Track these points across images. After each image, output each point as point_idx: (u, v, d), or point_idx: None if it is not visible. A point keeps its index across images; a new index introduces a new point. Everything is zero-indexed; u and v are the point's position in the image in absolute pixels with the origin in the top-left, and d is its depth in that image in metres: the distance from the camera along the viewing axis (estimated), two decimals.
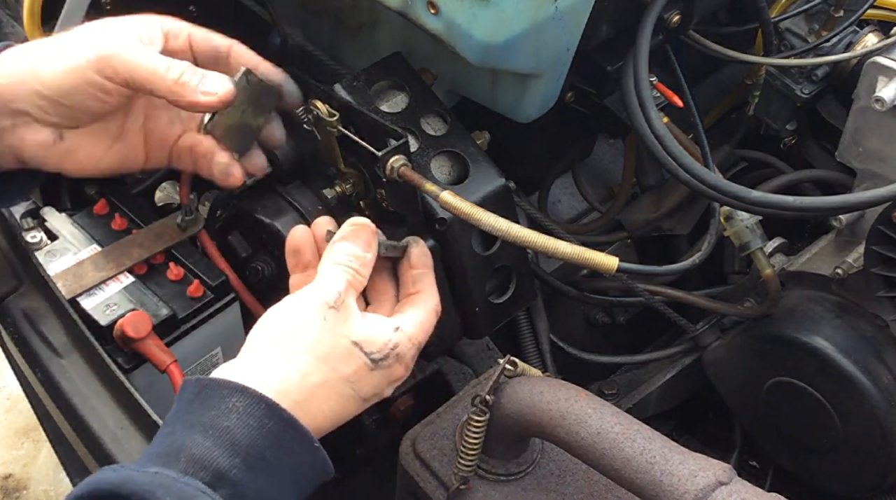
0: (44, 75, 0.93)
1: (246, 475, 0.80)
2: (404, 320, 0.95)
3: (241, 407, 0.82)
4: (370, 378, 0.92)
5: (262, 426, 0.82)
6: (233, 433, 0.81)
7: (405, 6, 1.06)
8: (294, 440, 0.84)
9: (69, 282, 1.14)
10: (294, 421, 0.84)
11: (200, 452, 0.79)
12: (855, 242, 1.37)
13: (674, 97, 1.28)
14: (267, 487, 0.81)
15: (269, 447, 0.82)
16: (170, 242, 1.19)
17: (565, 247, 0.94)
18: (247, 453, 0.81)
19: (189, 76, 0.92)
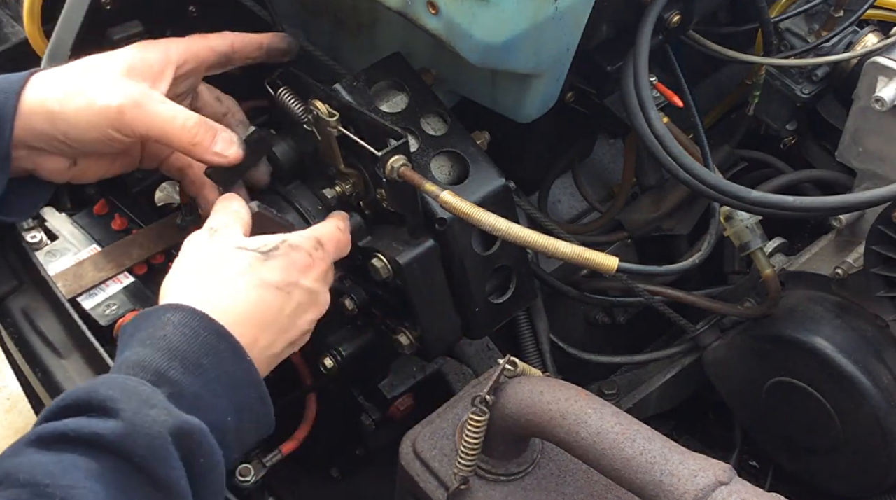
0: (62, 127, 1.00)
1: (184, 377, 0.83)
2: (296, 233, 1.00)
3: (176, 320, 0.86)
4: (268, 266, 0.95)
5: (197, 335, 0.86)
6: (169, 340, 0.84)
7: (405, 6, 1.06)
8: (228, 351, 0.87)
9: (69, 282, 1.14)
10: (226, 332, 0.88)
11: (139, 357, 0.83)
12: (855, 242, 1.37)
13: (674, 97, 1.28)
14: (204, 392, 0.84)
15: (205, 354, 0.85)
16: (170, 242, 1.20)
17: (565, 247, 0.94)
18: (184, 357, 0.84)
19: (202, 136, 1.01)
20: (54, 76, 1.02)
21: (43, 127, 1.00)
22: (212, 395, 0.85)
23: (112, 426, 0.75)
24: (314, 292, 0.98)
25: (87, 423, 0.76)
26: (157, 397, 0.79)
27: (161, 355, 0.83)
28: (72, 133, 1.00)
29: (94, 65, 1.03)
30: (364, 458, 1.42)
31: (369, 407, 1.34)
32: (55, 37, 1.16)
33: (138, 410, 0.77)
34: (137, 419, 0.76)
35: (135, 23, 1.19)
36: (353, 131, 1.05)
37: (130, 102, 0.99)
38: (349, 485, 1.48)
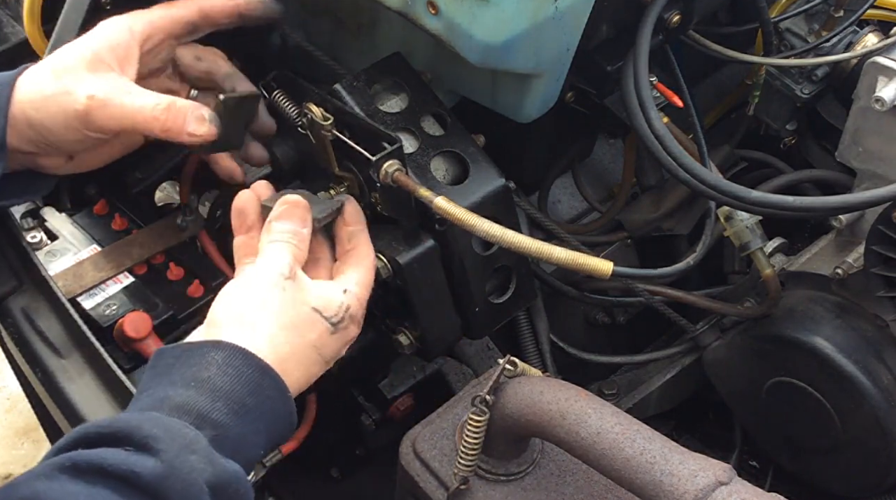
0: (41, 130, 1.00)
1: (228, 418, 0.82)
2: (348, 280, 0.99)
3: (220, 359, 0.85)
4: (332, 341, 0.95)
5: (241, 374, 0.85)
6: (213, 382, 0.83)
7: (405, 6, 1.06)
8: (271, 388, 0.87)
9: (69, 282, 1.14)
10: (270, 369, 0.87)
11: (182, 399, 0.82)
12: (855, 242, 1.37)
13: (674, 97, 1.28)
14: (248, 432, 0.84)
15: (249, 393, 0.84)
16: (170, 242, 1.20)
17: (560, 253, 0.94)
18: (228, 398, 0.83)
19: (172, 121, 0.99)
20: (32, 79, 1.01)
21: (28, 134, 1.00)
22: (254, 433, 0.85)
23: (151, 466, 0.74)
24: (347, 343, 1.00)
25: (125, 458, 0.74)
26: (200, 442, 0.78)
27: (205, 397, 0.82)
28: (52, 138, 1.00)
29: (62, 61, 1.01)
30: (364, 458, 1.42)
31: (369, 407, 1.34)
32: (55, 37, 1.16)
33: (179, 454, 0.76)
34: (177, 463, 0.75)
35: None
36: (347, 135, 1.05)
37: (96, 102, 0.98)
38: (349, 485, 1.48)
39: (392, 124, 1.10)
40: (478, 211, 0.99)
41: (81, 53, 1.01)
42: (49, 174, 1.08)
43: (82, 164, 1.08)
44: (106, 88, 0.98)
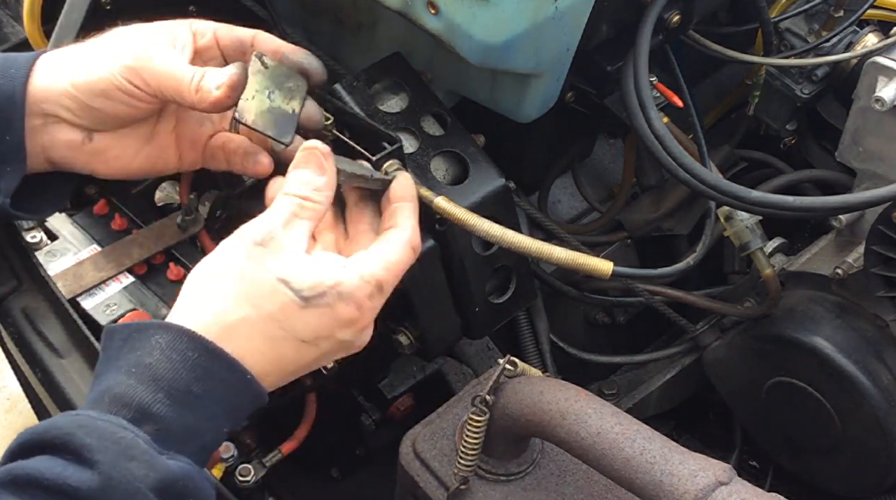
0: (75, 79, 0.95)
1: (170, 410, 0.78)
2: (362, 257, 0.88)
3: (163, 343, 0.80)
4: (304, 318, 0.85)
5: (186, 359, 0.79)
6: (154, 369, 0.79)
7: (405, 6, 1.06)
8: (222, 370, 0.81)
9: (69, 282, 1.14)
10: (220, 351, 0.81)
11: (122, 390, 0.78)
12: (855, 242, 1.37)
13: (674, 97, 1.28)
14: (195, 420, 0.79)
15: (196, 379, 0.79)
16: (170, 242, 1.20)
17: (560, 253, 0.94)
18: (170, 387, 0.78)
19: (206, 80, 0.94)
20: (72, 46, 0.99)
21: (57, 83, 0.95)
22: (207, 418, 0.80)
23: (87, 479, 0.72)
24: (350, 342, 0.89)
25: (62, 471, 0.72)
26: (139, 446, 0.75)
27: (146, 387, 0.78)
28: (81, 84, 0.94)
29: (117, 31, 0.99)
30: (364, 458, 1.42)
31: (369, 407, 1.34)
32: (55, 37, 1.16)
33: (116, 462, 0.73)
34: (115, 473, 0.72)
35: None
36: (347, 135, 1.04)
37: (146, 52, 0.95)
38: (349, 485, 1.48)
39: (392, 124, 1.10)
40: (478, 211, 0.99)
41: (140, 27, 0.99)
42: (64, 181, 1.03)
43: (99, 153, 1.00)
44: (157, 48, 0.96)
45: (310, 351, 0.87)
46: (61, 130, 0.97)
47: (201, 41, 1.00)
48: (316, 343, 0.86)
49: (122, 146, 1.00)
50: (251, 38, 1.00)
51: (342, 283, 0.86)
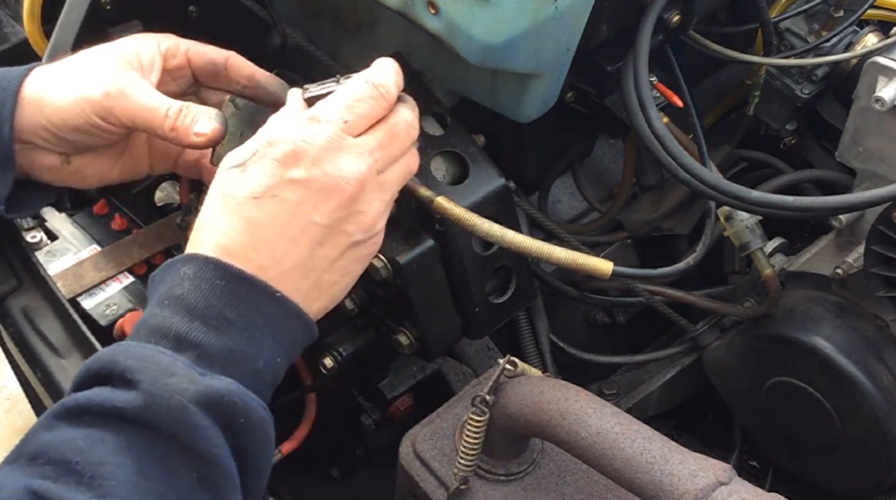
0: (48, 112, 0.98)
1: (208, 336, 0.79)
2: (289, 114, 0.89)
3: (191, 273, 0.82)
4: (248, 177, 0.84)
5: (214, 286, 0.81)
6: (186, 299, 0.80)
7: (405, 6, 1.06)
8: (252, 294, 0.82)
9: (69, 282, 1.14)
10: (246, 275, 0.82)
11: (158, 322, 0.80)
12: (855, 242, 1.37)
13: (674, 97, 1.28)
14: (237, 344, 0.80)
15: (228, 305, 0.81)
16: (170, 242, 1.20)
17: (560, 252, 0.94)
18: (204, 315, 0.80)
19: (181, 120, 0.96)
20: (50, 68, 1.01)
21: (33, 117, 0.98)
22: (248, 343, 0.81)
23: (132, 399, 0.74)
24: (313, 180, 0.84)
25: (108, 395, 0.75)
26: (177, 365, 0.76)
27: (180, 317, 0.80)
28: (56, 120, 0.98)
29: (87, 55, 1.01)
30: (364, 458, 1.42)
31: (369, 407, 1.34)
32: (55, 37, 1.16)
33: (156, 380, 0.75)
34: (156, 389, 0.74)
35: (135, 23, 1.20)
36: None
37: (115, 89, 0.97)
38: (349, 485, 1.48)
39: None
40: (478, 211, 0.99)
41: (108, 51, 1.01)
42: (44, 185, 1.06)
43: (78, 173, 1.04)
44: (127, 80, 0.97)
45: (278, 206, 0.84)
46: (40, 155, 1.01)
47: (172, 62, 1.02)
48: (272, 194, 0.83)
49: (98, 164, 1.05)
50: (224, 60, 1.02)
51: (271, 131, 0.86)
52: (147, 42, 1.02)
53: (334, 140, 0.85)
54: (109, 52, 1.01)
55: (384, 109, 0.89)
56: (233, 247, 0.83)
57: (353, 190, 0.85)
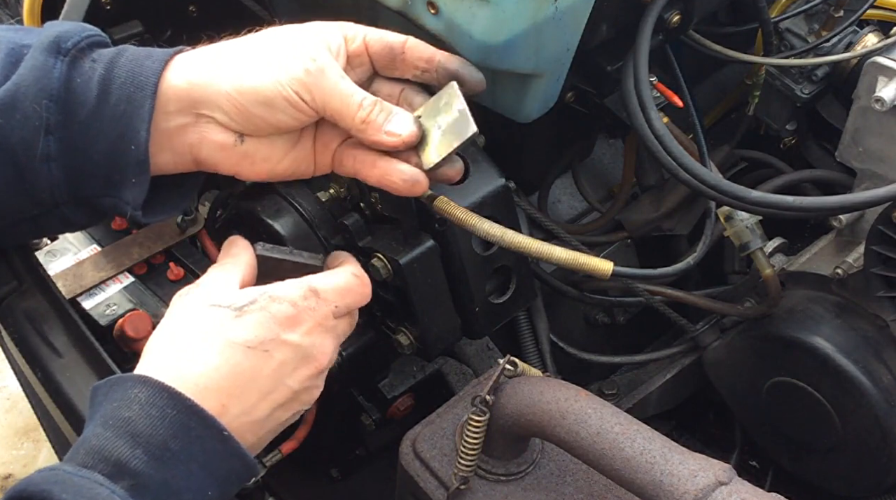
0: (238, 84, 0.92)
1: (147, 466, 0.78)
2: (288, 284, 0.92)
3: (142, 398, 0.81)
4: (241, 323, 0.86)
5: (165, 415, 0.80)
6: (133, 424, 0.79)
7: (405, 6, 1.06)
8: (200, 428, 0.82)
9: (69, 282, 1.14)
10: (198, 409, 0.82)
11: (100, 443, 0.79)
12: (855, 242, 1.37)
13: (674, 97, 1.28)
14: (173, 477, 0.79)
15: (174, 436, 0.80)
16: (170, 242, 1.20)
17: (560, 252, 0.94)
18: (148, 443, 0.79)
19: (375, 114, 0.93)
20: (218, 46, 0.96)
21: (213, 85, 0.92)
22: (184, 477, 0.80)
23: None
24: (302, 347, 0.89)
25: None
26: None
27: (124, 442, 0.78)
28: (246, 90, 0.91)
29: (276, 35, 0.96)
30: (364, 458, 1.42)
31: (369, 407, 1.34)
32: None
33: None
34: None
35: (135, 23, 1.20)
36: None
37: (315, 67, 0.92)
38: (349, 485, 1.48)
39: None
40: (478, 211, 0.99)
41: (301, 31, 0.96)
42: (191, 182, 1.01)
43: (247, 156, 0.97)
44: (326, 60, 0.93)
45: (264, 359, 0.87)
46: (213, 130, 0.94)
47: (352, 46, 0.97)
48: (264, 348, 0.87)
49: (270, 150, 0.98)
50: (402, 45, 0.97)
51: (271, 289, 0.90)
52: (331, 27, 0.97)
53: (327, 318, 0.92)
54: (303, 33, 0.96)
55: (363, 301, 0.97)
56: (209, 386, 0.84)
57: (325, 365, 0.93)
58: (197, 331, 0.86)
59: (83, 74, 0.90)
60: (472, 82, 0.97)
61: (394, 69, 0.98)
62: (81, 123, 0.90)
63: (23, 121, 0.89)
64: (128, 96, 0.90)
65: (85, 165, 0.91)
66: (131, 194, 0.93)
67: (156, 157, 0.93)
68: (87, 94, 0.90)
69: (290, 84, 0.92)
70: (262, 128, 0.95)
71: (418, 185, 0.96)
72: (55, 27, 0.93)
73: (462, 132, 0.94)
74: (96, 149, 0.91)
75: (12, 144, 0.89)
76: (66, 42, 0.90)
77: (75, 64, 0.90)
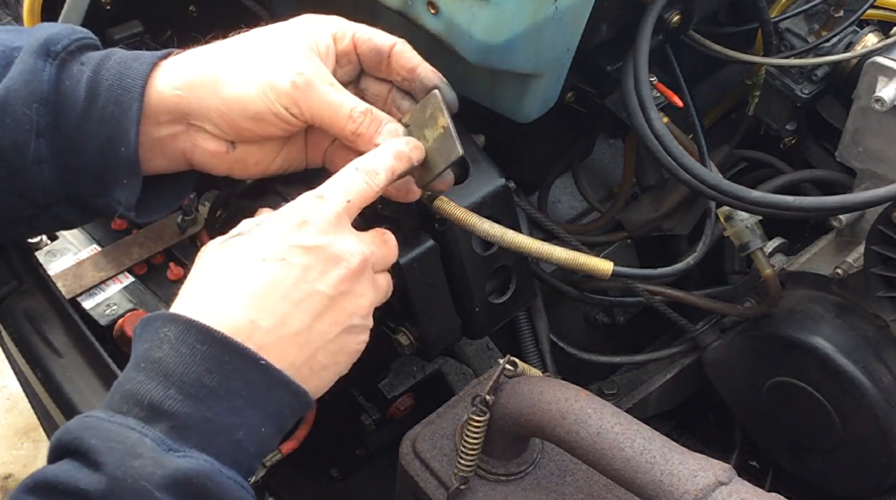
0: (227, 98, 0.92)
1: (184, 405, 0.76)
2: None
3: (172, 336, 0.78)
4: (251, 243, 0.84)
5: (195, 351, 0.77)
6: (165, 364, 0.77)
7: (405, 6, 1.06)
8: (236, 360, 0.79)
9: (69, 282, 1.14)
10: (230, 341, 0.79)
11: (133, 387, 0.77)
12: (855, 242, 1.37)
13: (674, 97, 1.28)
14: (216, 415, 0.77)
15: (208, 372, 0.77)
16: (170, 242, 1.20)
17: (560, 252, 0.94)
18: (181, 381, 0.76)
19: (366, 127, 0.93)
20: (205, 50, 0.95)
21: (206, 99, 0.92)
22: (229, 414, 0.77)
23: (96, 482, 0.72)
24: (321, 248, 0.84)
25: (74, 475, 0.73)
26: (144, 444, 0.73)
27: (156, 384, 0.76)
28: (235, 106, 0.92)
29: (267, 36, 0.95)
30: (364, 458, 1.42)
31: (369, 407, 1.34)
32: None
33: (121, 462, 0.72)
34: (120, 473, 0.72)
35: (135, 23, 1.19)
36: None
37: (302, 80, 0.91)
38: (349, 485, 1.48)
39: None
40: (478, 211, 0.99)
41: (289, 33, 0.95)
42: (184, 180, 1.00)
43: (240, 161, 0.98)
44: (313, 70, 0.92)
45: (285, 269, 0.83)
46: (204, 139, 0.95)
47: (341, 45, 0.97)
48: (280, 257, 0.83)
49: (262, 153, 0.98)
50: (389, 49, 0.97)
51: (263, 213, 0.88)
52: (321, 24, 0.97)
53: (340, 218, 0.86)
54: (291, 34, 0.95)
55: (375, 194, 0.90)
56: (234, 305, 0.81)
57: (357, 266, 0.86)
58: (214, 265, 0.84)
59: (72, 77, 0.91)
60: (448, 104, 0.96)
61: (380, 71, 0.98)
62: (71, 126, 0.90)
63: (14, 124, 0.89)
64: (115, 99, 0.90)
65: (76, 167, 0.92)
66: (123, 195, 0.93)
67: (149, 162, 0.94)
68: (75, 96, 0.90)
69: (279, 100, 0.92)
70: (252, 137, 0.96)
71: (411, 194, 0.97)
72: (46, 29, 0.93)
73: (448, 154, 0.94)
74: (87, 151, 0.91)
75: (4, 146, 0.90)
76: (56, 45, 0.91)
77: (64, 67, 0.91)
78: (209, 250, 0.86)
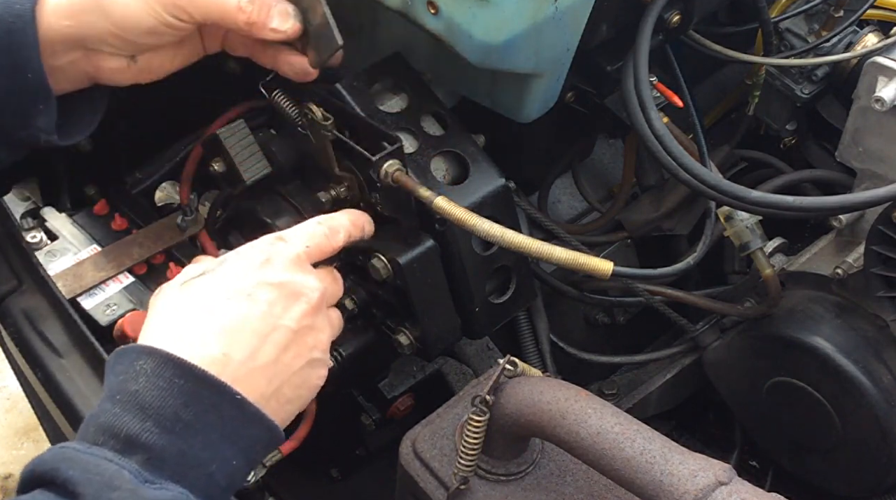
0: (116, 18, 0.96)
1: (160, 438, 0.77)
2: None
3: (148, 369, 0.79)
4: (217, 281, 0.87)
5: (172, 385, 0.78)
6: (141, 396, 0.78)
7: (405, 6, 1.06)
8: (212, 395, 0.80)
9: (69, 282, 1.14)
10: (208, 376, 0.80)
11: (108, 419, 0.77)
12: (855, 242, 1.37)
13: (674, 97, 1.28)
14: (190, 447, 0.78)
15: (184, 406, 0.78)
16: (170, 242, 1.20)
17: (560, 252, 0.94)
18: (158, 414, 0.77)
19: (257, 14, 0.97)
20: None
21: (97, 24, 0.96)
22: (203, 447, 0.78)
23: None
24: (284, 284, 0.88)
25: None
26: (122, 476, 0.73)
27: (132, 416, 0.77)
28: (126, 25, 0.97)
29: None
30: (364, 458, 1.42)
31: (369, 407, 1.34)
32: None
33: (99, 494, 0.72)
34: None
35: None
36: (347, 135, 1.05)
37: None
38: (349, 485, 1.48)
39: (392, 124, 1.10)
40: (478, 211, 0.99)
41: None
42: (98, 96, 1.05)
43: (144, 69, 1.03)
44: None
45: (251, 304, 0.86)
46: (105, 59, 1.01)
47: None
48: (246, 293, 0.86)
49: (162, 57, 1.04)
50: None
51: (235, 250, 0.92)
52: None
53: (300, 259, 0.92)
54: None
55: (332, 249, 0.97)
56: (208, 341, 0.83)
57: (317, 302, 0.91)
58: (179, 303, 0.86)
59: None
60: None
61: None
62: None
63: None
64: (7, 28, 0.94)
65: None
66: (43, 121, 0.98)
67: (55, 87, 0.98)
68: None
69: (166, 10, 0.96)
70: (150, 48, 1.01)
71: (308, 75, 1.05)
72: None
73: (329, 44, 1.01)
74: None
75: None
76: None
77: None
78: (170, 291, 0.89)
